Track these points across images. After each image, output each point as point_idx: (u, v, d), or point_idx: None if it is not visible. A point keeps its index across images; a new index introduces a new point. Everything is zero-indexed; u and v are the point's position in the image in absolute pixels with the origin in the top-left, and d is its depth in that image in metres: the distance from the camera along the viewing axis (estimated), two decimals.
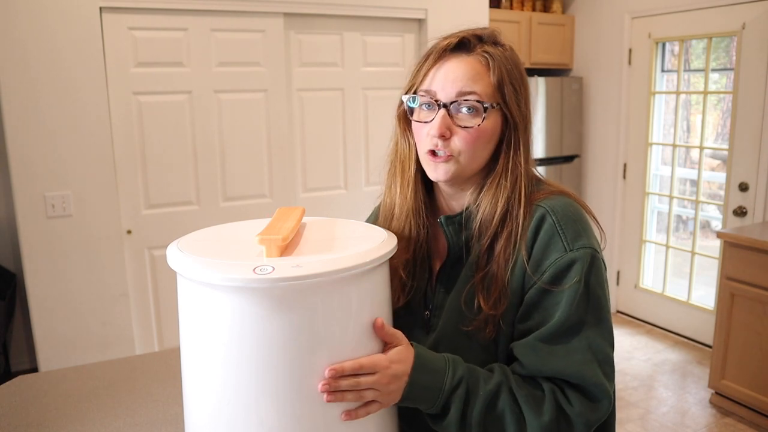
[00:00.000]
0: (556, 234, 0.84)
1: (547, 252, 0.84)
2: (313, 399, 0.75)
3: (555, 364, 0.81)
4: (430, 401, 0.81)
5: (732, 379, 2.76)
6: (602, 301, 0.85)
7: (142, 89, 2.69)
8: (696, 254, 3.54)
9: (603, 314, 0.85)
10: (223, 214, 2.91)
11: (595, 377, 0.81)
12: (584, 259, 0.83)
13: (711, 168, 3.61)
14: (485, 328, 0.87)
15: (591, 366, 0.81)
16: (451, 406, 0.81)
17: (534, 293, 0.84)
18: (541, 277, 0.83)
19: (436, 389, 0.81)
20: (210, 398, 0.77)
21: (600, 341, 0.83)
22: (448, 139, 0.87)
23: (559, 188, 0.92)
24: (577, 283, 0.82)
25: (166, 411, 1.20)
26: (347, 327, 0.77)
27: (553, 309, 0.83)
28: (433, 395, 0.81)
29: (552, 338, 0.82)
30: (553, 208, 0.86)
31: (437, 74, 0.88)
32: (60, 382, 1.33)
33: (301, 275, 0.70)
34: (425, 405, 0.82)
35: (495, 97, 0.86)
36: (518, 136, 0.89)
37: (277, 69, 2.95)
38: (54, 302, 2.62)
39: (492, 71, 0.86)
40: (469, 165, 0.88)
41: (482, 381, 0.83)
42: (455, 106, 0.86)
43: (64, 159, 2.55)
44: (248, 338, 0.73)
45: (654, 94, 3.68)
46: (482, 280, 0.88)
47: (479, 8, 3.41)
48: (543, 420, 0.80)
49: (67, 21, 2.49)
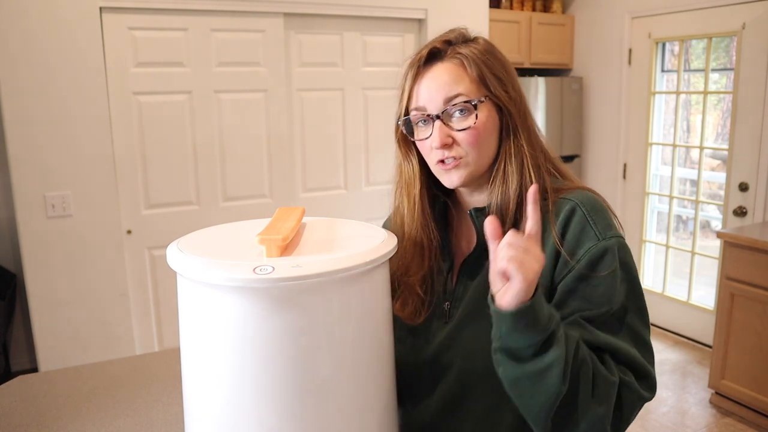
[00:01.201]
0: (588, 224, 0.86)
1: (580, 241, 0.85)
2: (313, 399, 0.75)
3: (605, 341, 0.82)
4: (543, 325, 0.75)
5: (732, 379, 2.76)
6: (638, 285, 0.87)
7: (142, 89, 2.69)
8: (696, 254, 3.54)
9: (641, 298, 0.87)
10: (223, 214, 2.91)
11: (640, 358, 0.83)
12: (616, 246, 0.85)
13: (711, 168, 3.61)
14: None
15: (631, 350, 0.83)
16: (556, 340, 0.75)
17: (570, 280, 0.85)
18: (578, 263, 0.84)
19: (549, 314, 0.76)
20: (210, 398, 0.77)
21: (640, 327, 0.85)
22: (451, 146, 0.88)
23: (582, 185, 0.94)
24: (615, 271, 0.84)
25: (166, 411, 1.20)
26: (347, 327, 0.77)
27: (591, 296, 0.83)
28: (546, 319, 0.75)
29: (596, 324, 0.82)
30: (582, 201, 0.88)
31: (420, 89, 0.90)
32: (60, 382, 1.33)
33: (301, 275, 0.70)
34: (535, 329, 0.74)
35: (480, 91, 0.88)
36: (514, 120, 0.90)
37: (277, 69, 2.95)
38: (54, 302, 2.62)
39: (469, 68, 0.88)
40: (479, 163, 0.90)
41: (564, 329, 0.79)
42: (447, 113, 0.88)
43: (64, 159, 2.55)
44: (248, 338, 0.73)
45: (654, 94, 3.68)
46: None
47: (479, 8, 3.41)
48: (614, 379, 0.79)
49: (67, 21, 2.49)
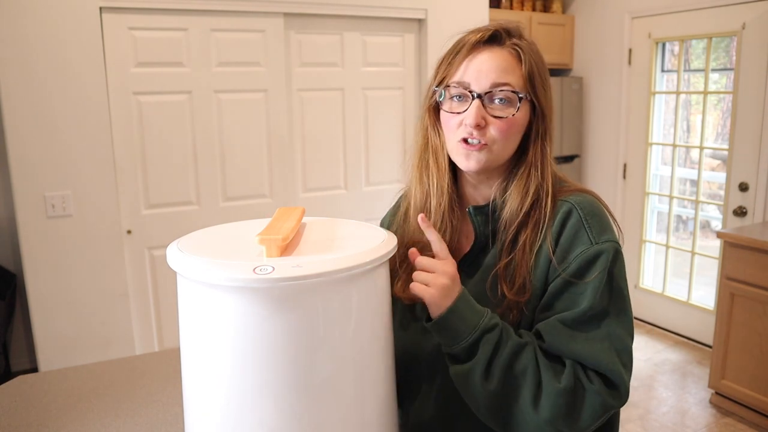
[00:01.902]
0: (583, 228, 0.87)
1: (573, 244, 0.86)
2: (313, 399, 0.75)
3: (574, 348, 0.83)
4: (463, 334, 0.83)
5: (732, 379, 2.76)
6: (624, 293, 0.87)
7: (142, 89, 2.69)
8: (696, 254, 3.54)
9: (625, 306, 0.87)
10: (223, 214, 2.91)
11: (611, 364, 0.82)
12: (609, 252, 0.85)
13: (711, 168, 3.61)
14: (509, 314, 0.89)
15: (609, 353, 0.83)
16: (479, 347, 0.83)
17: (558, 284, 0.86)
18: (567, 269, 0.85)
19: (472, 324, 0.83)
20: (210, 398, 0.77)
21: (620, 331, 0.85)
22: (483, 129, 0.88)
23: (582, 187, 0.95)
24: (602, 274, 0.84)
25: (166, 411, 1.20)
26: (347, 327, 0.77)
27: (577, 298, 0.85)
28: (468, 328, 0.83)
29: (574, 324, 0.84)
30: (580, 204, 0.89)
31: (470, 66, 0.90)
32: (60, 382, 1.33)
33: (301, 275, 0.70)
34: (455, 338, 0.83)
35: (526, 88, 0.89)
36: (546, 126, 0.91)
37: (277, 69, 2.95)
38: (54, 302, 2.62)
39: (523, 63, 0.89)
40: (501, 154, 0.90)
41: (513, 334, 0.85)
42: (489, 97, 0.88)
43: (64, 159, 2.55)
44: (248, 338, 0.73)
45: (654, 94, 3.68)
46: (506, 267, 0.90)
47: (479, 8, 3.41)
48: (559, 386, 0.81)
49: (67, 21, 2.49)
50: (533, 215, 0.90)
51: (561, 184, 0.94)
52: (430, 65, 3.30)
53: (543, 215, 0.89)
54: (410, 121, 3.41)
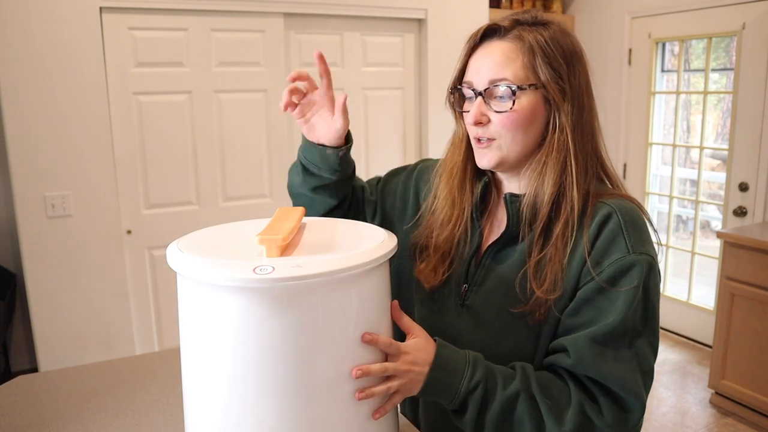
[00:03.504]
0: (621, 234, 0.83)
1: (609, 250, 0.83)
2: (313, 399, 0.75)
3: (601, 367, 0.80)
4: (448, 399, 0.83)
5: (732, 379, 2.76)
6: (656, 311, 0.84)
7: (142, 89, 2.69)
8: (696, 254, 3.54)
9: (655, 325, 0.84)
10: (223, 214, 2.91)
11: (636, 387, 0.80)
12: (644, 264, 0.82)
13: (711, 168, 3.61)
14: (536, 311, 0.86)
15: (634, 376, 0.81)
16: (468, 405, 0.82)
17: (589, 290, 0.83)
18: (600, 275, 0.82)
19: (453, 389, 0.82)
20: (210, 398, 0.77)
21: (647, 351, 0.83)
22: (486, 125, 0.88)
23: (627, 194, 0.91)
24: (636, 288, 0.81)
25: (166, 411, 1.20)
26: (347, 327, 0.77)
27: (607, 309, 0.81)
28: (450, 394, 0.82)
29: (604, 340, 0.81)
30: (621, 209, 0.85)
31: (472, 64, 0.90)
32: (60, 382, 1.32)
33: (301, 275, 0.70)
34: (444, 401, 0.84)
35: (529, 79, 0.85)
36: (561, 116, 0.87)
37: (277, 69, 2.95)
38: (54, 302, 2.62)
39: (522, 53, 0.86)
40: (512, 149, 0.88)
41: (500, 385, 0.82)
42: (489, 94, 0.87)
43: (64, 159, 2.55)
44: (248, 338, 0.73)
45: (654, 94, 3.68)
46: (537, 264, 0.87)
47: (479, 8, 3.41)
48: (564, 429, 0.79)
49: (68, 21, 2.49)
50: (563, 209, 0.86)
51: (605, 189, 0.90)
52: (430, 65, 3.30)
53: (572, 210, 0.85)
54: (410, 121, 3.41)
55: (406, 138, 3.42)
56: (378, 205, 1.11)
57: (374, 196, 1.12)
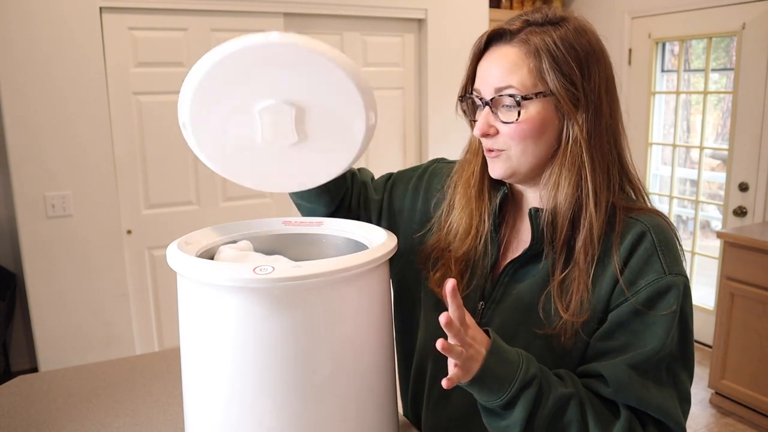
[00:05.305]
0: (656, 254, 0.79)
1: (644, 271, 0.78)
2: (313, 399, 0.75)
3: (643, 395, 0.76)
4: (498, 393, 0.73)
5: (732, 379, 2.76)
6: (691, 334, 0.81)
7: (142, 89, 2.69)
8: (696, 254, 3.54)
9: (691, 348, 0.81)
10: (223, 214, 2.91)
11: (677, 416, 0.78)
12: (681, 286, 0.78)
13: (711, 168, 3.61)
14: (561, 335, 0.81)
15: (674, 402, 0.78)
16: (517, 403, 0.74)
17: (623, 312, 0.78)
18: (636, 295, 0.77)
19: (507, 380, 0.73)
20: (210, 398, 0.77)
21: (685, 377, 0.80)
22: (494, 137, 0.83)
23: (656, 209, 0.86)
24: (674, 313, 0.77)
25: (166, 411, 1.20)
26: (347, 327, 0.77)
27: (643, 333, 0.77)
28: (502, 387, 0.73)
29: (643, 367, 0.76)
30: (654, 228, 0.81)
31: (479, 72, 0.85)
32: (60, 382, 1.32)
33: (301, 275, 0.70)
34: (491, 396, 0.74)
35: (536, 86, 0.79)
36: (575, 126, 0.80)
37: None
38: (54, 302, 2.62)
39: (529, 58, 0.79)
40: (522, 161, 0.83)
41: (555, 385, 0.76)
42: (495, 103, 0.82)
43: (64, 159, 2.55)
44: (248, 338, 0.73)
45: (654, 94, 3.68)
46: (561, 283, 0.82)
47: (479, 8, 3.41)
48: None
49: (67, 21, 2.49)
50: (583, 224, 0.80)
51: (630, 202, 0.85)
52: (430, 65, 3.30)
53: (592, 224, 0.80)
54: (410, 121, 3.41)
55: (406, 138, 3.42)
56: (384, 206, 1.07)
57: (379, 195, 1.08)
